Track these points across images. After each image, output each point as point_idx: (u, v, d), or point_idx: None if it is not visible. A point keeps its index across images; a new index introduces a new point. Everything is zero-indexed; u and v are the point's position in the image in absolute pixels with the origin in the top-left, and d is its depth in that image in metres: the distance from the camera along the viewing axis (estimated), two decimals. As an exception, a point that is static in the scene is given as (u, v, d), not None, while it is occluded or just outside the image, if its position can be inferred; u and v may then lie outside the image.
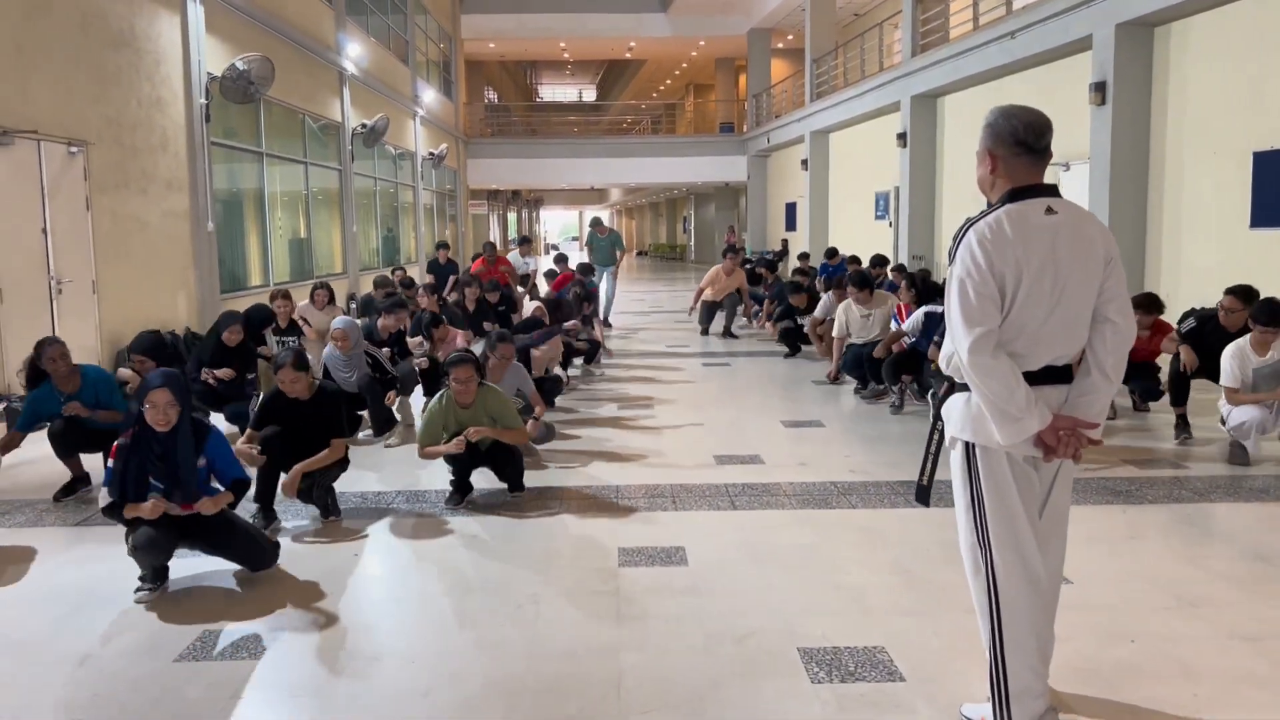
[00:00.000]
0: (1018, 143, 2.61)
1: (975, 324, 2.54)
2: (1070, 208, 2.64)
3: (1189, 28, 10.76)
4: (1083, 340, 2.67)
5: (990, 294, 2.54)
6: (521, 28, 29.81)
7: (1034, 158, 2.62)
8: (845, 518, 4.85)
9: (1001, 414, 2.57)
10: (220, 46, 11.62)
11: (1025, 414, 2.55)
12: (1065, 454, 2.61)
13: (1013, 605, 2.69)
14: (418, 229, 23.70)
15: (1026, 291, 2.55)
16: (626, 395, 8.55)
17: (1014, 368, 2.55)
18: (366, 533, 4.78)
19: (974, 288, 2.55)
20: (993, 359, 2.53)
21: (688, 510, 5.02)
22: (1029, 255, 2.55)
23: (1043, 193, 2.62)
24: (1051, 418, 2.59)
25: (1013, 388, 2.53)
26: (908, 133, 17.40)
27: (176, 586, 4.11)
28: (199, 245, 11.08)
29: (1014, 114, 2.64)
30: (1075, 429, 2.61)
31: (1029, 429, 2.56)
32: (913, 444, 6.49)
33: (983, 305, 2.54)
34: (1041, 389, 2.62)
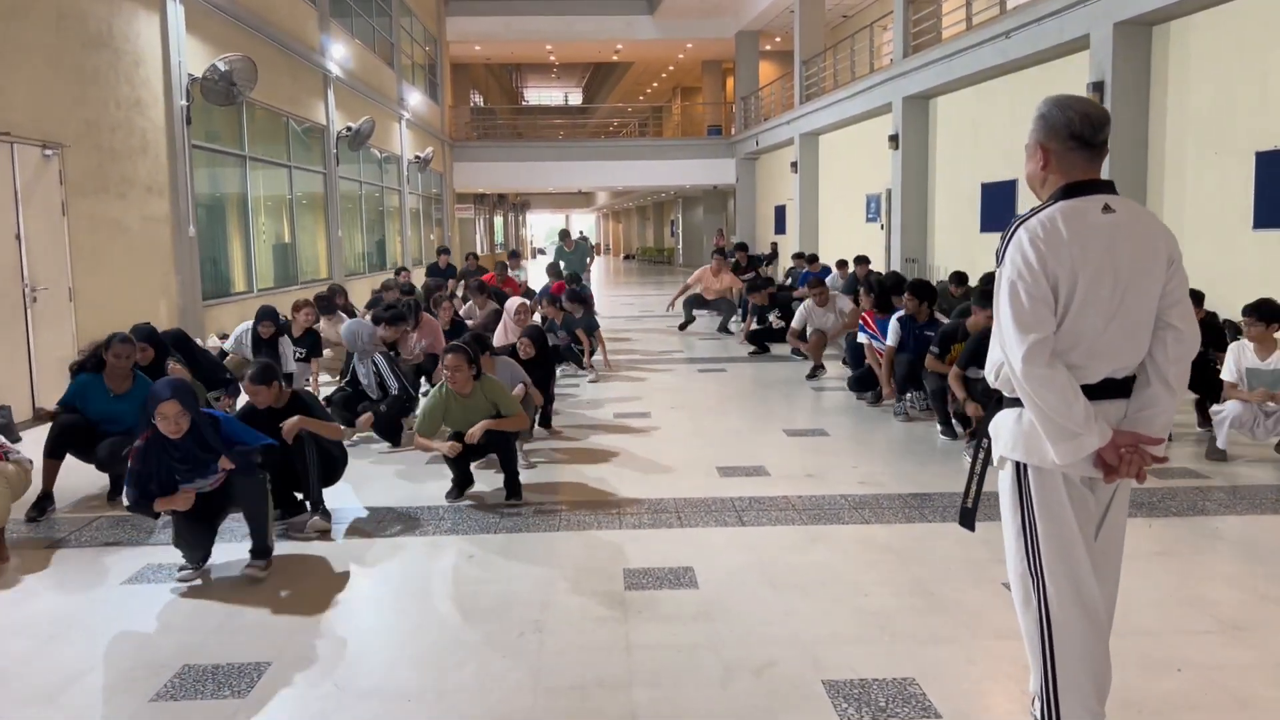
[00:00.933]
0: (1072, 136, 2.41)
1: (1029, 330, 2.32)
2: (1130, 206, 2.44)
3: (1188, 26, 10.62)
4: (1144, 350, 2.44)
5: (1044, 297, 2.34)
6: (507, 30, 29.57)
7: (1090, 153, 2.42)
8: (861, 534, 4.63)
9: (1058, 430, 2.35)
10: (201, 47, 11.34)
11: (1084, 430, 2.33)
12: (1128, 473, 2.39)
13: (1068, 640, 2.46)
14: (404, 233, 23.41)
15: (1083, 296, 2.35)
16: (622, 403, 8.32)
17: (1071, 379, 2.34)
18: (358, 554, 4.53)
19: (1026, 290, 2.34)
20: (1049, 369, 2.31)
21: (694, 527, 4.80)
22: (1086, 256, 2.34)
23: (1100, 189, 2.42)
24: (1112, 434, 2.37)
25: (1070, 401, 2.32)
26: (899, 134, 17.24)
27: (157, 616, 3.85)
28: (180, 251, 10.79)
29: (1069, 105, 2.44)
30: (1138, 446, 2.39)
31: (1088, 447, 2.35)
32: (921, 452, 6.29)
33: (1036, 310, 2.33)
34: (1100, 404, 2.40)
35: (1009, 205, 14.40)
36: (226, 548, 4.54)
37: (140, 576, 4.27)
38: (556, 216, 78.73)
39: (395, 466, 6.16)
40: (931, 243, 17.31)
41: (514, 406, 5.42)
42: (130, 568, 4.38)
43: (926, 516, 4.87)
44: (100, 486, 5.65)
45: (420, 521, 5.02)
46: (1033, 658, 2.52)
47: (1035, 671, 2.52)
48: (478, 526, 4.90)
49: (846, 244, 20.88)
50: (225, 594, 4.05)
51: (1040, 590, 2.48)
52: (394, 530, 4.87)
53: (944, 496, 5.21)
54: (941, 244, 16.82)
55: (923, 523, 4.79)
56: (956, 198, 16.19)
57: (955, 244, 16.16)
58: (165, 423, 4.02)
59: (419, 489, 5.64)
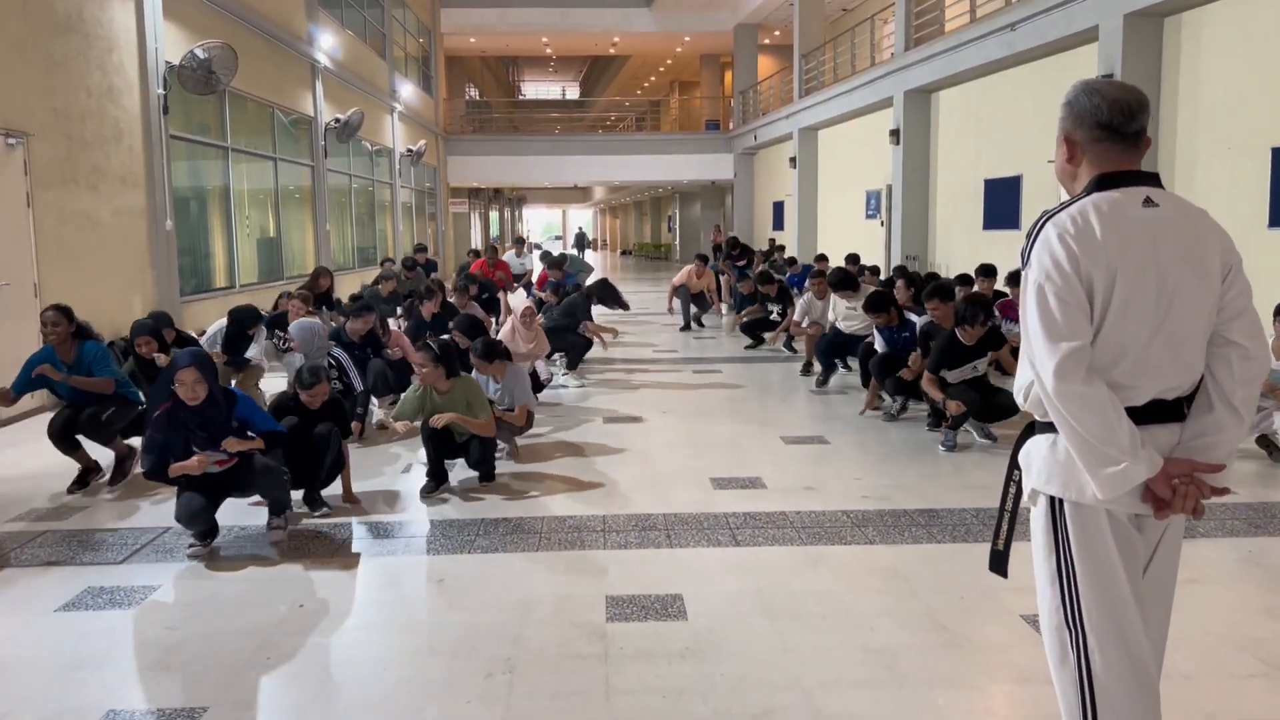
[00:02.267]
0: (1099, 125, 2.10)
1: (1060, 339, 1.98)
2: (1177, 201, 2.10)
3: (1202, 18, 10.26)
4: (1195, 368, 2.09)
5: (1078, 301, 2.00)
6: (503, 21, 29.14)
7: (1122, 143, 2.09)
8: (864, 556, 4.27)
9: (1099, 459, 1.98)
10: (179, 33, 10.94)
11: (1129, 458, 1.96)
12: (1183, 508, 2.03)
13: (1110, 704, 2.08)
14: (396, 227, 23.01)
15: (1124, 300, 2.01)
16: (613, 407, 7.95)
17: (1114, 398, 1.99)
18: (314, 576, 4.16)
19: (1056, 294, 2.00)
20: (1085, 385, 1.96)
21: (684, 547, 4.43)
22: (1125, 254, 2.01)
23: (1141, 180, 2.08)
24: (1162, 463, 2.02)
25: (1113, 424, 1.96)
26: (900, 129, 16.87)
27: (87, 651, 3.48)
28: (157, 245, 10.40)
29: (1097, 90, 2.13)
30: (1194, 476, 2.03)
31: (1135, 477, 1.98)
32: (927, 463, 5.92)
33: (1069, 316, 1.99)
34: (1149, 429, 2.05)
35: (1013, 202, 14.05)
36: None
37: (77, 603, 3.90)
38: (553, 211, 78.36)
39: (364, 477, 5.79)
40: (933, 240, 16.94)
41: (484, 411, 5.53)
42: (67, 592, 4.01)
43: (935, 536, 4.51)
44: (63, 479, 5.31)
45: (390, 536, 4.65)
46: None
47: None
48: (450, 544, 4.54)
49: (846, 241, 20.51)
50: (164, 623, 3.69)
51: (1079, 645, 2.10)
52: (357, 548, 4.50)
53: (953, 514, 4.85)
54: (943, 241, 16.46)
55: (931, 543, 4.42)
56: (959, 194, 15.82)
57: (958, 241, 15.80)
58: (183, 389, 4.30)
59: (390, 497, 5.28)
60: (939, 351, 6.40)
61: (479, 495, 5.37)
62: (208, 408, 4.37)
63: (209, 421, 4.38)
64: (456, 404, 5.43)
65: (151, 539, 4.68)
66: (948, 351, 6.40)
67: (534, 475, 5.82)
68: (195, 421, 4.36)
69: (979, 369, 6.44)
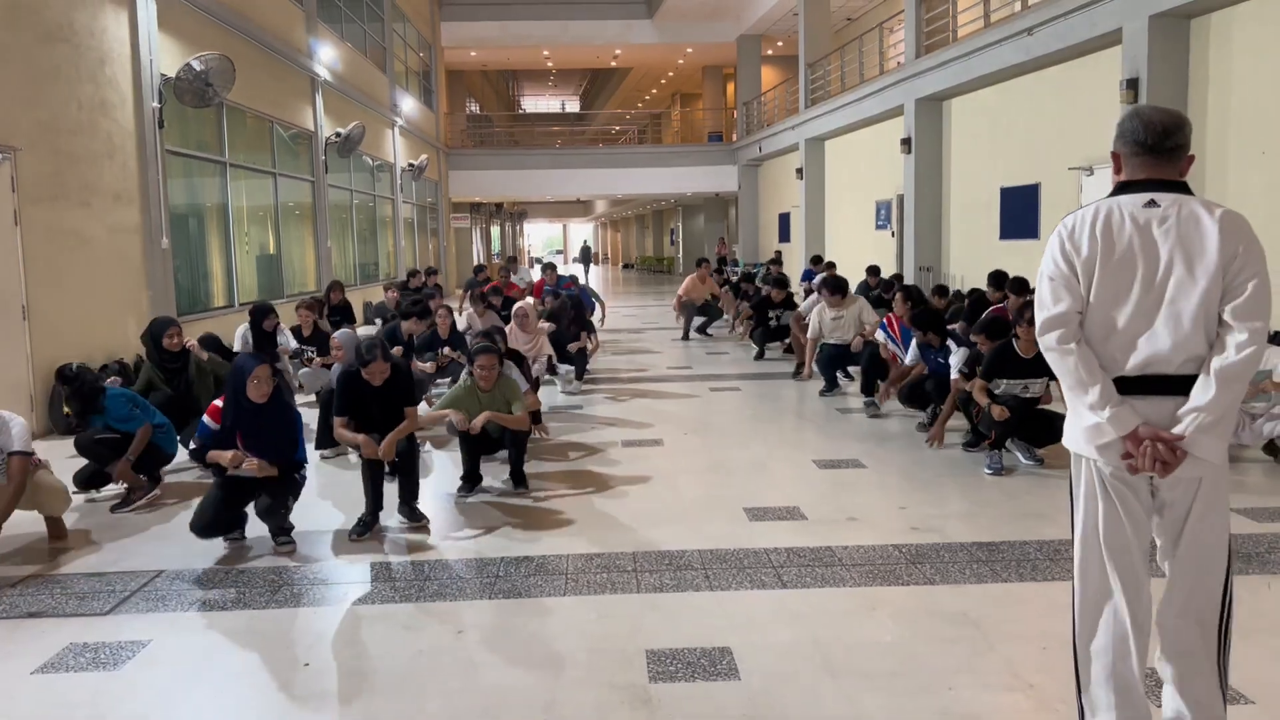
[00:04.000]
0: (1136, 142, 2.49)
1: (1044, 309, 2.50)
2: (1186, 204, 2.43)
3: (1231, 18, 9.91)
4: (1192, 344, 2.40)
5: (1062, 279, 2.48)
6: (504, 35, 28.89)
7: (1153, 157, 2.48)
8: (926, 599, 3.88)
9: (1079, 410, 2.48)
10: (175, 46, 10.60)
11: (1097, 415, 2.41)
12: (1145, 466, 2.38)
13: (1088, 627, 2.56)
14: (397, 243, 22.67)
15: (1100, 282, 2.45)
16: (631, 429, 7.57)
17: (1088, 362, 2.44)
18: (314, 625, 3.77)
19: (1048, 274, 2.52)
20: (1058, 346, 2.46)
21: (726, 590, 4.04)
22: (1108, 244, 2.44)
23: (1153, 187, 2.46)
24: (1135, 426, 2.39)
25: (1084, 381, 2.43)
26: (912, 138, 16.54)
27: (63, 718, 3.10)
28: (152, 264, 10.03)
29: (1137, 114, 2.52)
30: (1156, 439, 2.37)
31: (1106, 433, 2.42)
32: (973, 488, 5.53)
33: (1054, 290, 2.49)
34: (1149, 400, 2.42)
35: (1031, 210, 13.68)
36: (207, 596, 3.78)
37: (57, 663, 3.51)
38: (554, 226, 78.12)
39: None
40: (947, 251, 16.58)
41: (523, 406, 5.75)
42: (47, 649, 3.62)
43: (999, 574, 4.12)
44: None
45: (395, 579, 4.26)
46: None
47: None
48: (470, 587, 4.15)
49: (856, 252, 20.16)
50: (152, 686, 3.30)
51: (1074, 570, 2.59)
52: (363, 591, 4.11)
53: (1014, 547, 4.46)
54: (958, 252, 16.10)
55: (996, 582, 4.03)
56: (974, 203, 15.47)
57: (972, 252, 15.44)
58: (255, 385, 4.57)
59: (394, 536, 4.88)
60: (992, 357, 6.04)
61: (501, 525, 4.98)
62: (269, 411, 4.66)
63: (264, 425, 4.64)
64: (497, 402, 5.70)
65: (143, 584, 4.29)
66: (1001, 360, 6.01)
67: (555, 506, 5.43)
68: (251, 421, 4.61)
69: (1030, 390, 5.97)
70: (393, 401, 5.25)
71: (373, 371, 5.16)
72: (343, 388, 5.30)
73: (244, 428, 4.62)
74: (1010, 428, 5.87)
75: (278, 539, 4.77)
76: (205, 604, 4.04)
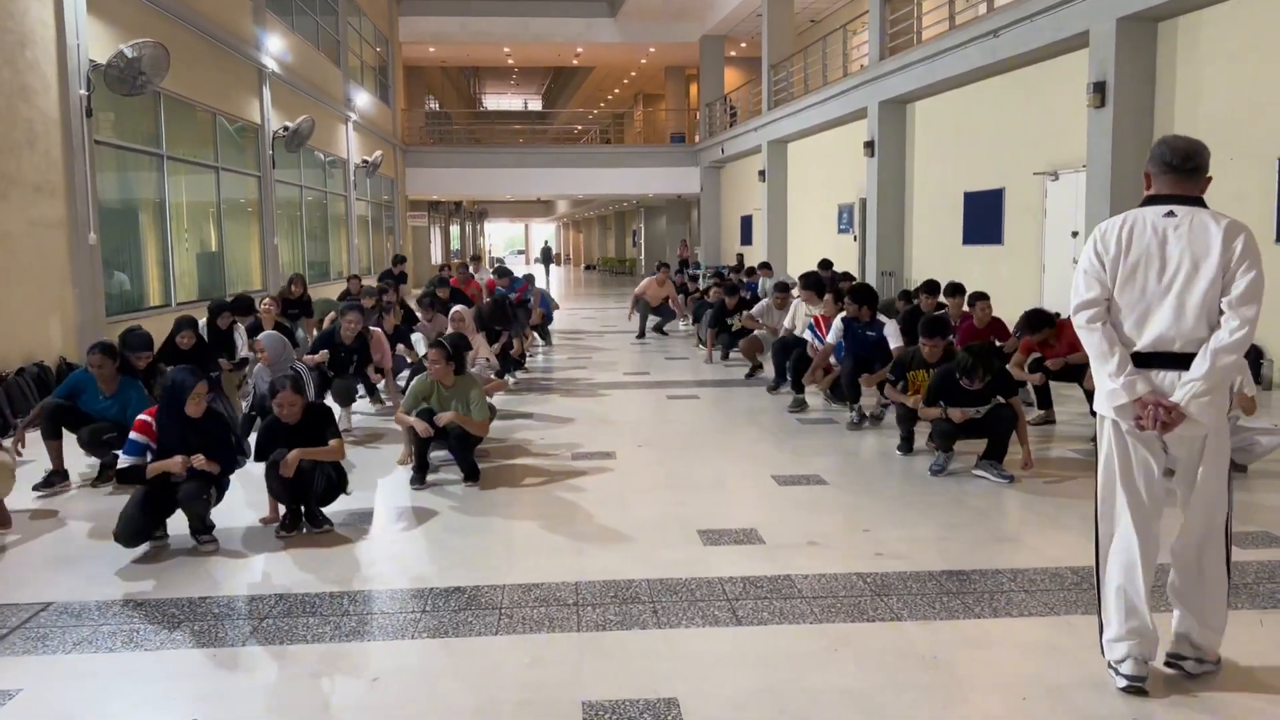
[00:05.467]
0: (1164, 163, 3.01)
1: (1076, 295, 3.07)
2: (1199, 214, 2.95)
3: (1199, 22, 9.75)
4: (1198, 331, 2.92)
5: (1094, 272, 3.04)
6: (463, 31, 28.36)
7: (1177, 175, 2.99)
8: (894, 638, 3.53)
9: (1100, 379, 3.03)
10: (107, 31, 10.05)
11: (1114, 382, 2.96)
12: (1149, 426, 2.92)
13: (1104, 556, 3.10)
14: (350, 241, 22.07)
15: (1125, 276, 2.99)
16: (581, 439, 7.18)
17: (1110, 340, 2.99)
18: (209, 672, 3.34)
19: (1082, 267, 3.08)
20: (1086, 325, 3.03)
21: (675, 627, 3.66)
22: (1131, 246, 2.98)
23: (1174, 201, 2.98)
24: (1144, 393, 2.93)
25: (1105, 355, 2.98)
26: (875, 141, 16.32)
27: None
28: (78, 261, 9.47)
29: (1166, 141, 3.04)
30: (1158, 404, 2.90)
31: (1119, 397, 2.95)
32: (940, 507, 5.21)
33: (1087, 281, 3.05)
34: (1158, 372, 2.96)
35: (995, 215, 13.50)
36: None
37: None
38: (515, 226, 77.47)
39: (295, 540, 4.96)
40: (909, 255, 16.39)
41: (481, 412, 5.88)
42: (-104, 703, 3.16)
43: (973, 609, 3.78)
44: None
45: (309, 612, 3.84)
46: None
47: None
48: (389, 625, 3.73)
49: (817, 255, 19.91)
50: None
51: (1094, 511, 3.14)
52: (270, 629, 3.69)
53: (986, 578, 4.13)
54: (921, 256, 15.90)
55: (969, 619, 3.69)
56: (938, 207, 15.27)
57: (936, 256, 15.24)
58: (196, 403, 4.67)
59: (321, 556, 4.46)
60: (937, 383, 5.94)
61: (434, 547, 4.57)
62: (204, 423, 4.74)
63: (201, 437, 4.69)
64: (459, 399, 5.81)
65: (25, 619, 3.83)
66: (946, 389, 5.87)
67: (494, 524, 5.03)
68: (195, 430, 4.69)
69: (981, 414, 5.85)
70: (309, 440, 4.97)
71: (281, 403, 4.93)
72: (263, 438, 5.02)
73: (182, 440, 4.66)
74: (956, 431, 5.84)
75: (199, 538, 4.70)
76: (90, 644, 3.59)
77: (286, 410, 4.93)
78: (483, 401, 5.91)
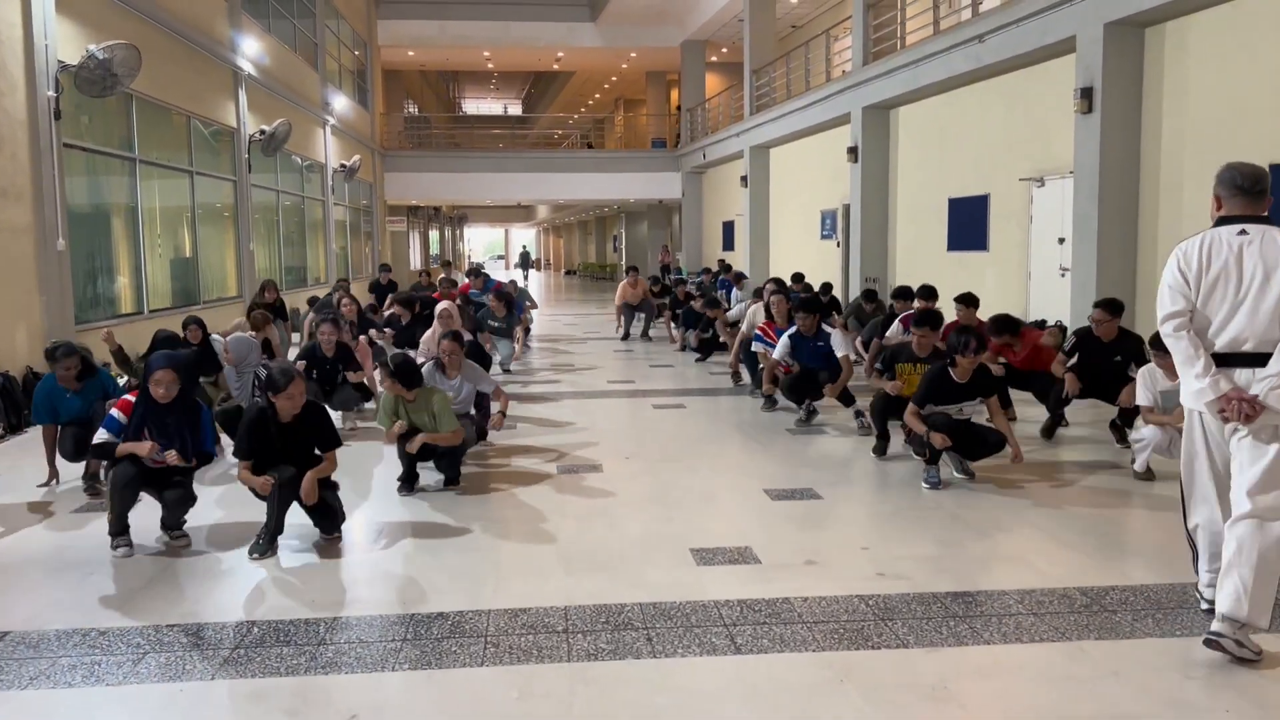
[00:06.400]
0: (1235, 186, 3.43)
1: (1163, 309, 3.50)
2: (1269, 231, 3.36)
3: (1187, 26, 9.69)
4: (1271, 333, 3.31)
5: (1178, 288, 3.47)
6: (443, 35, 28.11)
7: (1247, 197, 3.42)
8: (902, 667, 3.36)
9: (1187, 379, 3.47)
10: (77, 31, 9.77)
11: (1201, 382, 3.38)
12: (1234, 418, 3.32)
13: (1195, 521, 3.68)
14: (328, 246, 21.76)
15: (1208, 289, 3.41)
16: (567, 451, 6.99)
17: (1194, 345, 3.41)
18: (174, 707, 3.13)
19: (1167, 284, 3.51)
20: (1174, 333, 3.46)
21: (671, 655, 3.48)
22: (1211, 263, 3.41)
23: (1244, 220, 3.40)
24: (1228, 390, 3.33)
25: (1191, 359, 3.41)
26: (859, 146, 16.22)
27: None
28: (46, 267, 9.18)
29: (1235, 167, 3.46)
30: (1240, 398, 3.31)
31: (1206, 395, 3.37)
32: (937, 523, 5.06)
33: (1172, 295, 3.48)
34: (1242, 370, 3.36)
35: (980, 222, 13.41)
36: None
37: None
38: (495, 231, 77.12)
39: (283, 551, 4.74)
40: (893, 262, 16.29)
41: (449, 423, 5.75)
42: None
43: (981, 634, 3.63)
44: None
45: (284, 641, 3.63)
46: None
47: None
48: (369, 656, 3.53)
49: (800, 262, 19.82)
50: None
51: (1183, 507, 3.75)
52: (241, 660, 3.48)
53: (993, 599, 3.97)
54: (904, 263, 15.80)
55: (978, 645, 3.54)
56: (921, 214, 15.19)
57: (920, 263, 15.14)
58: (158, 388, 4.74)
59: (297, 576, 4.25)
60: (926, 385, 5.90)
61: (416, 569, 4.37)
62: (174, 409, 4.81)
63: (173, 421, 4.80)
64: (421, 411, 5.75)
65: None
66: (936, 388, 5.87)
67: (478, 541, 4.83)
68: (161, 418, 4.78)
69: (964, 412, 5.90)
70: (306, 443, 4.87)
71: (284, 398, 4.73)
72: (248, 429, 4.81)
73: (152, 424, 4.78)
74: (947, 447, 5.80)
75: (172, 534, 4.85)
76: (48, 679, 3.37)
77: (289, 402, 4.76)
78: (447, 409, 5.76)
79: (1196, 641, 3.45)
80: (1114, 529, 4.99)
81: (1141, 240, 10.34)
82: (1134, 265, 10.40)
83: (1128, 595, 3.98)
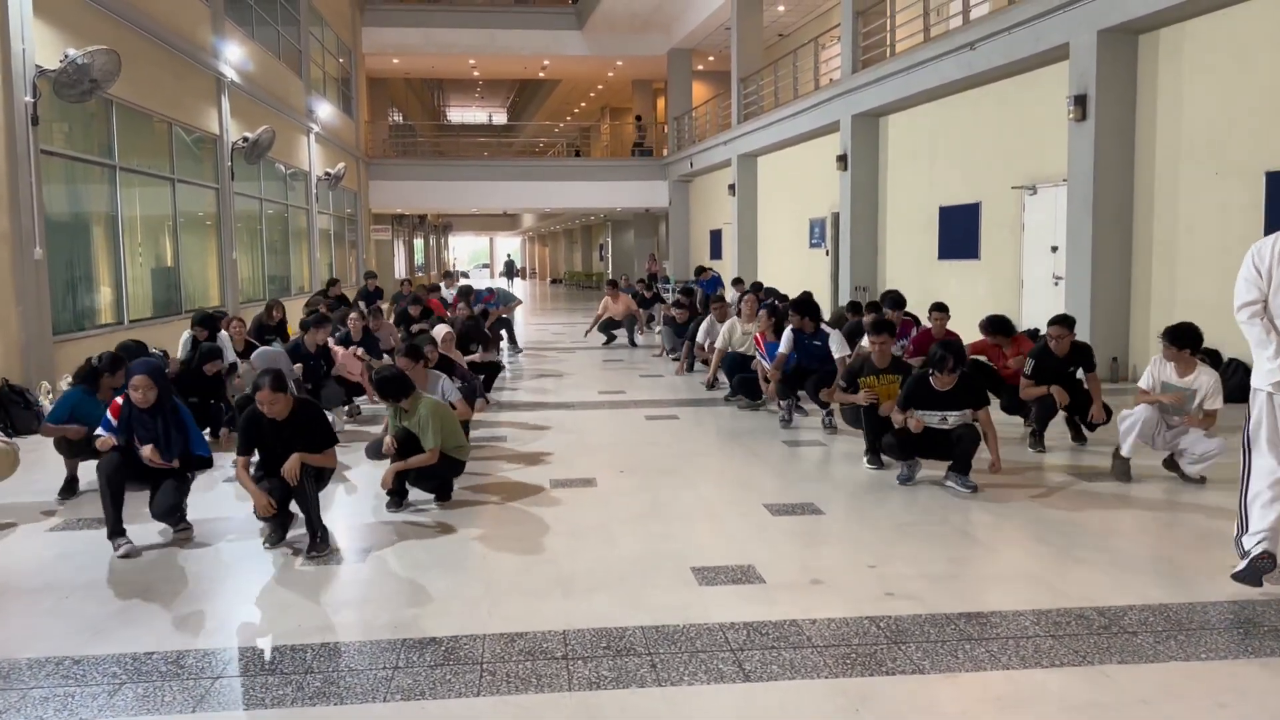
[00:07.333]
0: None
1: (1239, 298, 3.95)
2: None
3: (1180, 34, 9.64)
4: None
5: (1252, 280, 3.92)
6: (428, 42, 27.97)
7: None
8: (919, 694, 3.21)
9: (1259, 360, 3.92)
10: (55, 36, 9.57)
11: (1273, 363, 3.86)
12: None
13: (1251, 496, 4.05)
14: (312, 255, 21.53)
15: (1275, 280, 3.85)
16: (559, 465, 6.82)
17: (1267, 330, 3.87)
18: (167, 748, 2.94)
19: (1243, 276, 3.95)
20: (1247, 321, 3.93)
21: (677, 684, 3.32)
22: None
23: None
24: None
25: (1264, 342, 3.89)
26: (848, 154, 16.15)
27: None
28: (23, 277, 8.97)
29: None
30: None
31: (1276, 375, 3.85)
32: (944, 540, 4.92)
33: (1246, 288, 3.94)
34: None
35: (972, 230, 13.34)
36: None
37: None
38: (480, 239, 76.88)
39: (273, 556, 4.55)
40: (883, 270, 16.21)
41: (429, 439, 5.56)
42: None
43: (999, 658, 3.48)
44: None
45: (268, 670, 3.45)
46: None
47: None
48: (358, 685, 3.35)
49: (788, 270, 19.74)
50: None
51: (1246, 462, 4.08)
52: (224, 691, 3.29)
53: (1008, 621, 3.83)
54: (895, 271, 15.72)
55: (997, 670, 3.39)
56: (912, 222, 15.12)
57: (910, 271, 15.07)
58: (135, 393, 4.92)
59: (283, 599, 4.06)
60: (908, 391, 5.95)
61: (407, 591, 4.19)
62: (156, 413, 4.99)
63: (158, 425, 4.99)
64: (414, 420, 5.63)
65: (-56, 683, 3.40)
66: (917, 393, 5.90)
67: (472, 561, 4.66)
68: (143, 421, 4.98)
69: (949, 421, 5.86)
70: (297, 441, 4.97)
71: (262, 401, 4.93)
72: (243, 427, 5.08)
73: (137, 427, 4.97)
74: (915, 446, 5.97)
75: (177, 528, 5.05)
76: (18, 712, 3.18)
77: (268, 407, 4.93)
78: (430, 424, 5.57)
79: (1225, 667, 3.32)
80: (1125, 543, 4.86)
81: (1135, 249, 10.28)
82: (1128, 274, 10.33)
83: (1147, 615, 3.85)
